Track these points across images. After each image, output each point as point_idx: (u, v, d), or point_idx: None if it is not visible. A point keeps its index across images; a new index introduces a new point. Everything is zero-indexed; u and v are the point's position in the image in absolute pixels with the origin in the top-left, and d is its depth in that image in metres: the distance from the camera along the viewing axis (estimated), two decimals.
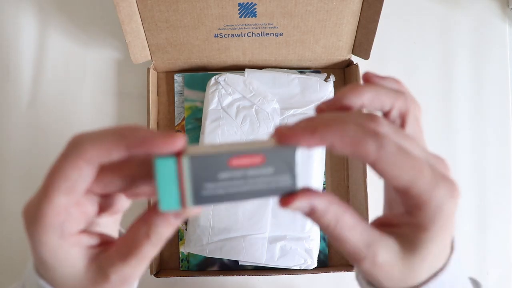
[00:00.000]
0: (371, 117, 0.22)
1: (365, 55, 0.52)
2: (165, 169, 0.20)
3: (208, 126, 0.53)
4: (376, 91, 0.23)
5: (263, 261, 0.51)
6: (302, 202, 0.22)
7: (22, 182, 0.56)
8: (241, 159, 0.20)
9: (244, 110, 0.53)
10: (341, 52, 0.54)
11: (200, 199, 0.20)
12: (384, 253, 0.23)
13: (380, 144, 0.20)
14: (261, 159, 0.20)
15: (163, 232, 0.22)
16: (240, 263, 0.52)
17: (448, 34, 0.59)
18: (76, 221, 0.23)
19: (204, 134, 0.53)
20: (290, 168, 0.21)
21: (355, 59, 0.54)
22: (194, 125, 0.55)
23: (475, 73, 0.58)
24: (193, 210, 0.21)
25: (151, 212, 0.22)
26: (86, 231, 0.24)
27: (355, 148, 0.21)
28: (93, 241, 0.24)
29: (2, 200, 0.55)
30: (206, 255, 0.51)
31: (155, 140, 0.20)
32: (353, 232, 0.22)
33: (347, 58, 0.54)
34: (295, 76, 0.54)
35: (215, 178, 0.20)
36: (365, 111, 0.24)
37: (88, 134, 0.22)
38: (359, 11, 0.49)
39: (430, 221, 0.22)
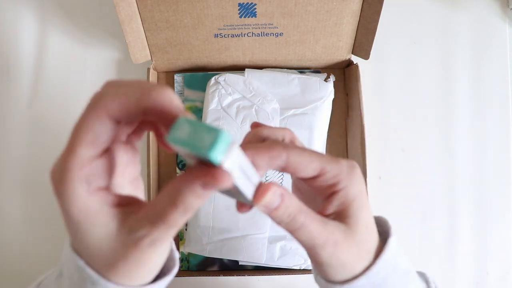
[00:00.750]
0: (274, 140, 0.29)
1: (365, 55, 0.52)
2: (184, 121, 0.21)
3: None
4: (270, 128, 0.30)
5: (263, 261, 0.51)
6: (275, 193, 0.25)
7: (22, 181, 0.56)
8: None
9: (244, 110, 0.53)
10: (341, 52, 0.54)
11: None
12: (338, 232, 0.26)
13: (285, 145, 0.27)
14: None
15: (191, 202, 0.22)
16: (240, 263, 0.52)
17: (448, 34, 0.59)
18: (99, 175, 0.23)
19: None
20: None
21: (355, 59, 0.54)
22: None
23: (475, 73, 0.58)
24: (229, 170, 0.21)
25: (180, 180, 0.22)
26: (110, 189, 0.24)
27: (268, 152, 0.26)
28: (119, 199, 0.24)
29: (1, 200, 0.55)
30: (206, 255, 0.51)
31: (173, 109, 0.22)
32: (313, 216, 0.26)
33: (347, 58, 0.54)
34: (295, 76, 0.54)
35: None
36: None
37: (111, 89, 0.23)
38: (359, 11, 0.49)
39: (349, 187, 0.27)
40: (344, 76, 0.57)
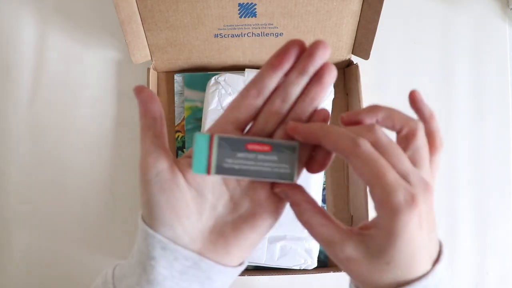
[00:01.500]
0: (366, 127, 0.26)
1: (365, 55, 0.52)
2: (201, 142, 0.27)
3: (208, 126, 0.53)
4: (389, 113, 0.27)
5: (263, 261, 0.51)
6: (290, 195, 0.28)
7: (22, 181, 0.55)
8: (255, 145, 0.27)
9: None
10: (341, 52, 0.54)
11: (221, 169, 0.27)
12: (349, 250, 0.26)
13: (355, 143, 0.24)
14: (269, 148, 0.27)
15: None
16: None
17: (448, 34, 0.59)
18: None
19: None
20: (290, 159, 0.27)
21: (355, 59, 0.54)
22: (194, 125, 0.55)
23: (475, 73, 0.58)
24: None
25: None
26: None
27: (336, 145, 0.25)
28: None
29: (2, 200, 0.55)
30: None
31: None
32: (324, 229, 0.27)
33: (347, 58, 0.54)
34: None
35: (234, 156, 0.27)
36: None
37: None
38: (359, 11, 0.49)
39: (388, 222, 0.24)
40: (344, 76, 0.57)
